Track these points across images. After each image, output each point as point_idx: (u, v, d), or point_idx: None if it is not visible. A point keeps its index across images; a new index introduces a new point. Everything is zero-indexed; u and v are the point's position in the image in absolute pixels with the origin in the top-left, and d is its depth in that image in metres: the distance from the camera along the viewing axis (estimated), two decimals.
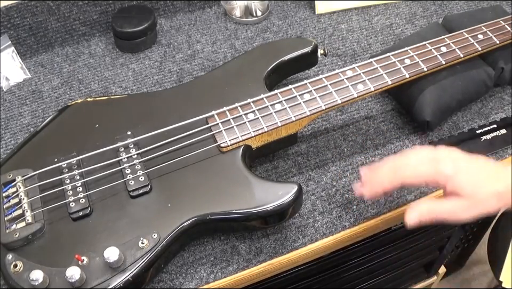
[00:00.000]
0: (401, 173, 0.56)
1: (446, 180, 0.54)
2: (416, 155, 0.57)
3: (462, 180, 0.54)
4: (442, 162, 0.55)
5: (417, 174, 0.56)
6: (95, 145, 0.65)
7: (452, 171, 0.54)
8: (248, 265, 0.64)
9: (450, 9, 0.96)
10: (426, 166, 0.55)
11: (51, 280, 0.55)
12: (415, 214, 0.56)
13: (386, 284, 1.07)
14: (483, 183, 0.54)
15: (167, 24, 0.96)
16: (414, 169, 0.56)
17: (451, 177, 0.54)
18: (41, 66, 0.89)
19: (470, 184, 0.54)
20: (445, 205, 0.55)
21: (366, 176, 0.60)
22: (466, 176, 0.54)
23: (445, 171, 0.54)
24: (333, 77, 0.70)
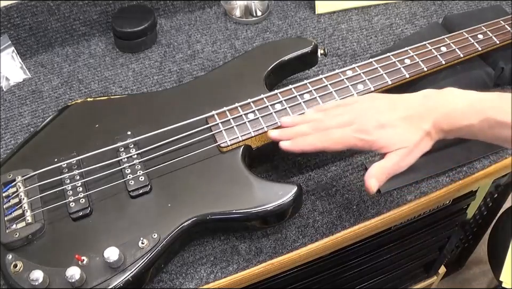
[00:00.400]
0: (326, 140, 0.59)
1: (370, 145, 0.57)
2: (340, 117, 0.59)
3: (386, 139, 0.57)
4: (363, 131, 0.57)
5: (341, 142, 0.58)
6: (95, 145, 0.65)
7: (372, 137, 0.57)
8: (248, 265, 0.64)
9: (450, 9, 0.96)
10: (349, 133, 0.58)
11: (51, 280, 0.55)
12: (374, 181, 0.57)
13: (386, 284, 1.07)
14: (409, 130, 0.57)
15: (167, 24, 0.96)
16: (338, 137, 0.58)
17: (373, 142, 0.57)
18: (41, 66, 0.89)
19: (395, 138, 0.57)
20: (388, 162, 0.57)
21: (287, 126, 0.62)
22: (388, 133, 0.57)
23: (366, 138, 0.57)
24: (333, 77, 0.70)
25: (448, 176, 0.72)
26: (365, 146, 0.58)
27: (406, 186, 0.71)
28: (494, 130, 0.55)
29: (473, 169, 0.73)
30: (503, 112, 0.54)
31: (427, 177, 0.71)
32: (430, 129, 0.57)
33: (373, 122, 0.58)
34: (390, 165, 0.57)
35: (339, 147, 0.59)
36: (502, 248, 1.02)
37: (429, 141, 0.58)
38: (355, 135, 0.58)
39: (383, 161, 0.58)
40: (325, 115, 0.61)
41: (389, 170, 0.58)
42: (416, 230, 0.88)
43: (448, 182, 0.71)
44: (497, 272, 0.99)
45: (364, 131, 0.57)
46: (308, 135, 0.60)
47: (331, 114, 0.61)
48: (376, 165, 0.58)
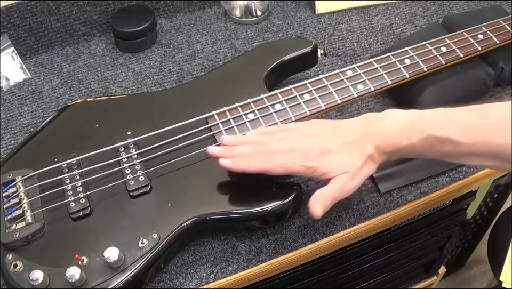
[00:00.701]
0: (269, 163, 0.58)
1: (312, 171, 0.57)
2: (283, 143, 0.59)
3: (328, 166, 0.57)
4: (306, 158, 0.57)
5: (284, 167, 0.57)
6: (95, 145, 0.65)
7: (315, 163, 0.56)
8: (248, 265, 0.64)
9: (450, 9, 0.96)
10: (293, 159, 0.57)
11: (51, 280, 0.55)
12: (318, 206, 0.56)
13: (386, 284, 1.07)
14: (352, 155, 0.56)
15: (167, 24, 0.96)
16: (281, 162, 0.57)
17: (315, 168, 0.57)
18: (41, 66, 0.89)
19: (338, 163, 0.56)
20: (332, 187, 0.57)
21: (228, 145, 0.61)
22: (330, 159, 0.57)
23: (308, 164, 0.56)
24: (333, 77, 0.70)
25: (448, 176, 0.72)
26: (307, 172, 0.57)
27: (406, 186, 0.71)
28: (437, 148, 0.55)
29: (473, 169, 0.73)
30: (443, 128, 0.54)
31: (427, 177, 0.71)
32: (373, 153, 0.56)
33: (315, 150, 0.57)
34: (334, 189, 0.57)
35: (282, 171, 0.58)
36: (502, 248, 1.01)
37: (372, 164, 0.57)
38: (298, 161, 0.57)
39: (328, 186, 0.57)
40: (267, 139, 0.61)
41: (334, 195, 0.57)
42: (416, 230, 0.88)
43: (448, 182, 0.71)
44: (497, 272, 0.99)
45: (307, 158, 0.57)
46: (249, 156, 0.59)
47: (274, 138, 0.60)
48: (321, 191, 0.57)
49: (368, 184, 0.71)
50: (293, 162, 0.57)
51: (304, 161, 0.57)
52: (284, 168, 0.58)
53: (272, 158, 0.58)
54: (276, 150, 0.59)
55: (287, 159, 0.58)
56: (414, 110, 0.58)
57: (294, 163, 0.57)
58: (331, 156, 0.57)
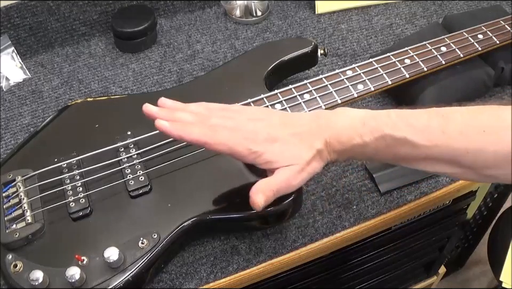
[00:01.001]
0: (212, 135, 0.53)
1: (255, 157, 0.53)
2: (229, 120, 0.55)
3: (273, 154, 0.53)
4: (253, 141, 0.53)
5: (227, 144, 0.53)
6: (95, 145, 0.65)
7: (260, 148, 0.53)
8: (248, 265, 0.64)
9: (450, 9, 0.96)
10: (238, 139, 0.53)
11: (51, 280, 0.55)
12: (260, 196, 0.53)
13: (386, 284, 1.07)
14: (300, 148, 0.53)
15: (167, 24, 0.96)
16: (225, 138, 0.53)
17: (260, 154, 0.53)
18: (41, 66, 0.89)
19: (285, 153, 0.53)
20: (277, 178, 0.53)
21: (165, 106, 0.57)
22: (277, 148, 0.53)
23: (254, 148, 0.53)
24: (333, 77, 0.70)
25: (448, 176, 0.72)
26: (250, 156, 0.53)
27: (406, 186, 0.71)
28: (392, 149, 0.52)
29: None
30: (399, 128, 0.51)
31: (427, 177, 0.71)
32: (322, 148, 0.53)
33: (263, 134, 0.53)
34: (279, 181, 0.53)
35: (223, 149, 0.53)
36: (502, 248, 1.01)
37: (320, 161, 0.54)
38: (243, 142, 0.53)
39: (272, 177, 0.53)
40: (211, 113, 0.56)
41: (278, 187, 0.53)
42: (416, 230, 0.88)
43: (448, 182, 0.71)
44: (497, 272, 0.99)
45: (253, 141, 0.53)
46: (190, 124, 0.54)
47: (218, 114, 0.56)
48: (264, 181, 0.53)
49: (368, 184, 0.71)
50: (237, 142, 0.53)
51: (249, 143, 0.53)
52: (226, 146, 0.53)
53: (216, 131, 0.53)
54: (219, 125, 0.54)
55: (230, 137, 0.53)
56: (369, 110, 0.54)
57: (237, 144, 0.53)
58: (279, 145, 0.53)
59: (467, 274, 1.49)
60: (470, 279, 1.49)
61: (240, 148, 0.53)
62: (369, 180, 0.72)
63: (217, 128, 0.54)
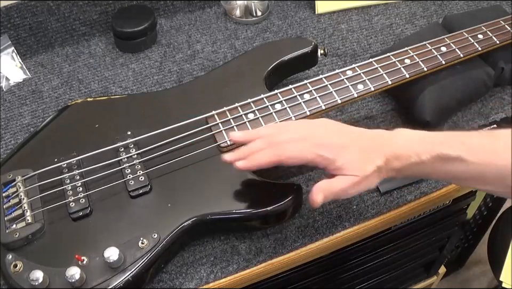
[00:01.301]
0: (281, 153, 0.57)
1: (327, 163, 0.56)
2: (294, 132, 0.58)
3: (344, 162, 0.55)
4: (323, 147, 0.56)
5: (298, 156, 0.56)
6: (95, 145, 0.65)
7: (332, 155, 0.55)
8: (248, 265, 0.64)
9: (450, 9, 0.96)
10: (309, 149, 0.56)
11: (51, 280, 0.55)
12: (321, 196, 0.55)
13: (386, 284, 1.07)
14: (365, 160, 0.55)
15: (167, 24, 0.96)
16: (294, 150, 0.56)
17: (332, 160, 0.55)
18: (41, 66, 0.89)
19: (353, 164, 0.55)
20: (337, 184, 0.56)
21: (238, 141, 0.61)
22: (347, 156, 0.55)
23: (325, 155, 0.55)
24: (333, 77, 0.70)
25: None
26: (322, 162, 0.56)
27: (406, 186, 0.71)
28: (446, 167, 0.54)
29: None
30: (454, 147, 0.53)
31: None
32: (382, 165, 0.55)
33: (335, 141, 0.56)
34: (340, 187, 0.55)
35: (295, 161, 0.57)
36: (502, 248, 1.01)
37: (377, 177, 0.56)
38: (313, 149, 0.56)
39: (334, 181, 0.56)
40: (278, 130, 0.59)
41: (337, 191, 0.56)
42: (416, 230, 0.88)
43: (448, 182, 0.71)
44: (497, 272, 0.99)
45: (324, 147, 0.56)
46: (261, 151, 0.58)
47: (285, 129, 0.59)
48: (326, 182, 0.56)
49: None
50: (307, 151, 0.56)
51: (320, 149, 0.55)
52: (297, 158, 0.56)
53: (285, 148, 0.57)
54: (287, 140, 0.57)
55: (300, 148, 0.56)
56: (424, 131, 0.57)
57: (308, 152, 0.56)
58: (348, 154, 0.56)
59: (467, 274, 1.49)
60: (470, 279, 1.49)
61: (311, 156, 0.56)
62: None
63: (285, 144, 0.57)
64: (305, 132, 0.58)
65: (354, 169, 0.55)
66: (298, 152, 0.56)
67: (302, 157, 0.56)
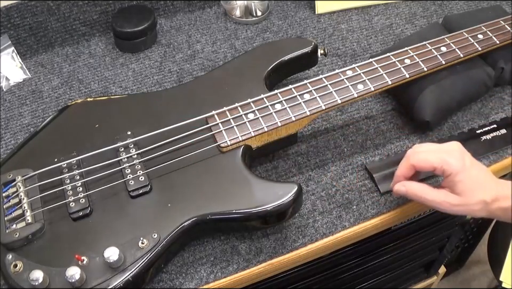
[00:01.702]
0: (412, 157, 0.62)
1: (450, 172, 0.59)
2: (428, 145, 0.64)
3: (462, 179, 0.59)
4: (452, 155, 0.60)
5: (426, 159, 0.61)
6: (95, 145, 0.65)
7: (458, 167, 0.59)
8: (248, 265, 0.64)
9: (450, 9, 0.96)
10: (437, 155, 0.60)
11: (51, 280, 0.55)
12: (403, 190, 0.63)
13: (386, 284, 1.07)
14: (477, 189, 0.59)
15: (167, 24, 0.96)
16: (425, 155, 0.61)
17: (455, 172, 0.59)
18: (41, 66, 0.89)
19: (467, 185, 0.59)
20: (435, 194, 0.61)
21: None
22: (467, 176, 0.59)
23: (452, 164, 0.59)
24: (333, 77, 0.70)
25: None
26: (445, 168, 0.59)
27: None
28: None
29: None
30: None
31: (426, 177, 0.71)
32: (489, 202, 0.59)
33: (465, 160, 0.60)
34: (437, 198, 0.60)
35: (422, 165, 0.61)
36: (502, 248, 1.02)
37: (479, 210, 0.59)
38: (443, 156, 0.60)
39: (433, 190, 0.61)
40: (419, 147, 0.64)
41: (430, 199, 0.61)
42: (416, 230, 0.88)
43: None
44: (497, 272, 0.99)
45: (454, 157, 0.59)
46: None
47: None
48: (422, 186, 0.62)
49: (368, 184, 0.71)
50: (435, 157, 0.60)
51: (449, 157, 0.59)
52: (425, 163, 0.61)
53: (417, 154, 0.62)
54: (422, 150, 0.62)
55: (430, 155, 0.61)
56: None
57: (436, 157, 0.60)
58: (469, 175, 0.59)
59: (467, 274, 1.49)
60: (470, 279, 1.49)
61: (437, 161, 0.60)
62: (369, 180, 0.72)
63: (419, 152, 0.63)
64: (439, 147, 0.62)
65: (466, 190, 0.59)
66: (425, 156, 0.61)
67: (430, 161, 0.60)
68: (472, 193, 0.59)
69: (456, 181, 0.59)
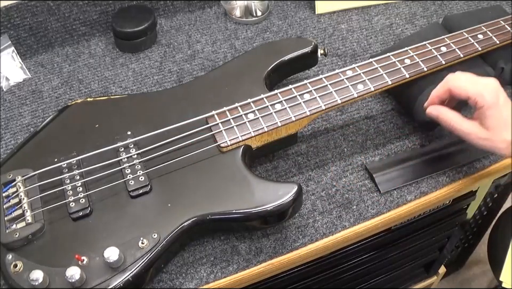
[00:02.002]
0: (451, 81, 0.65)
1: (482, 105, 0.61)
2: (468, 74, 0.65)
3: (492, 114, 0.61)
4: (488, 89, 0.62)
5: (464, 87, 0.63)
6: (95, 145, 0.65)
7: (491, 102, 0.61)
8: (248, 265, 0.64)
9: (450, 9, 0.96)
10: (474, 86, 0.63)
11: (51, 280, 0.55)
12: (435, 113, 0.66)
13: (386, 284, 1.07)
14: (505, 128, 0.61)
15: (167, 24, 0.96)
16: (463, 83, 0.63)
17: (487, 106, 0.61)
18: (41, 66, 0.89)
19: (496, 122, 0.61)
20: (465, 124, 0.64)
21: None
22: (497, 113, 0.61)
23: (486, 97, 0.61)
24: (333, 77, 0.70)
25: (448, 176, 0.72)
26: (478, 100, 0.61)
27: (406, 186, 0.71)
28: None
29: (473, 169, 0.73)
30: None
31: (427, 177, 0.71)
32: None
33: (498, 93, 0.62)
34: (465, 127, 0.63)
35: (457, 91, 0.64)
36: (502, 248, 1.01)
37: (504, 148, 0.61)
38: (479, 87, 0.62)
39: (465, 122, 0.63)
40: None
41: (457, 127, 0.63)
42: (416, 230, 0.88)
43: (448, 182, 0.71)
44: (497, 272, 0.99)
45: (488, 92, 0.61)
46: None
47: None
48: (454, 114, 0.64)
49: (368, 184, 0.71)
50: (472, 84, 0.63)
51: (484, 90, 0.61)
52: (461, 88, 0.63)
53: (456, 78, 0.64)
54: (459, 77, 0.64)
55: (468, 81, 0.63)
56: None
57: (472, 84, 0.62)
58: (501, 112, 0.61)
59: (467, 274, 1.49)
60: (470, 279, 1.49)
61: (473, 89, 0.62)
62: (369, 180, 0.72)
63: (458, 76, 0.65)
64: (478, 79, 0.64)
65: (495, 127, 0.61)
66: (464, 84, 0.63)
67: (467, 90, 0.62)
68: (500, 131, 0.61)
69: (487, 114, 0.61)
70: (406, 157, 0.73)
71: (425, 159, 0.73)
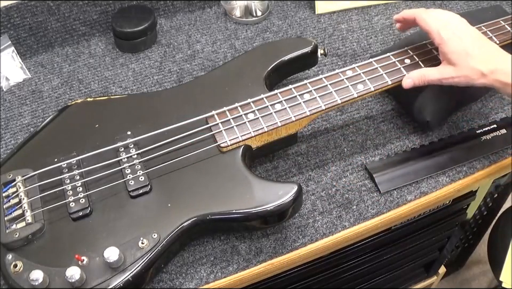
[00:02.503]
0: (422, 13, 0.68)
1: (439, 42, 0.65)
2: (437, 11, 0.68)
3: (450, 48, 0.63)
4: (446, 25, 0.65)
5: (427, 19, 0.67)
6: (95, 145, 0.65)
7: (446, 37, 0.64)
8: (248, 265, 0.64)
9: (450, 9, 0.96)
10: (436, 22, 0.66)
11: (51, 280, 0.55)
12: (409, 80, 0.67)
13: (386, 284, 1.07)
14: (469, 58, 0.62)
15: (167, 24, 0.96)
16: (428, 17, 0.67)
17: (442, 42, 0.64)
18: (41, 66, 0.89)
19: (458, 55, 0.63)
20: (434, 71, 0.66)
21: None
22: (455, 44, 0.63)
23: (442, 33, 0.64)
24: (333, 77, 0.70)
25: (448, 176, 0.72)
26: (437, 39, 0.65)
27: (406, 186, 0.71)
28: None
29: (473, 169, 0.73)
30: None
31: (427, 177, 0.71)
32: (487, 73, 0.61)
33: (457, 27, 0.64)
34: (433, 77, 0.64)
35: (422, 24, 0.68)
36: (502, 248, 1.01)
37: (478, 78, 0.62)
38: (437, 23, 0.65)
39: (429, 70, 0.65)
40: None
41: (429, 81, 0.65)
42: (416, 230, 0.88)
43: (448, 182, 0.71)
44: (497, 272, 0.99)
45: (445, 28, 0.64)
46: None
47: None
48: (419, 72, 0.66)
49: (368, 184, 0.71)
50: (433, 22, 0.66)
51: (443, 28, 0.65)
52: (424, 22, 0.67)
53: (425, 11, 0.68)
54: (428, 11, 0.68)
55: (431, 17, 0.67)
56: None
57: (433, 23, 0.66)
58: (467, 43, 0.63)
59: (467, 274, 1.49)
60: (470, 279, 1.49)
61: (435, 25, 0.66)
62: (369, 180, 0.72)
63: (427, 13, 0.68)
64: (441, 16, 0.67)
65: (459, 60, 0.62)
66: (427, 18, 0.67)
67: (428, 24, 0.66)
68: (465, 61, 0.62)
69: (445, 51, 0.64)
70: (406, 157, 0.73)
71: (425, 159, 0.73)
